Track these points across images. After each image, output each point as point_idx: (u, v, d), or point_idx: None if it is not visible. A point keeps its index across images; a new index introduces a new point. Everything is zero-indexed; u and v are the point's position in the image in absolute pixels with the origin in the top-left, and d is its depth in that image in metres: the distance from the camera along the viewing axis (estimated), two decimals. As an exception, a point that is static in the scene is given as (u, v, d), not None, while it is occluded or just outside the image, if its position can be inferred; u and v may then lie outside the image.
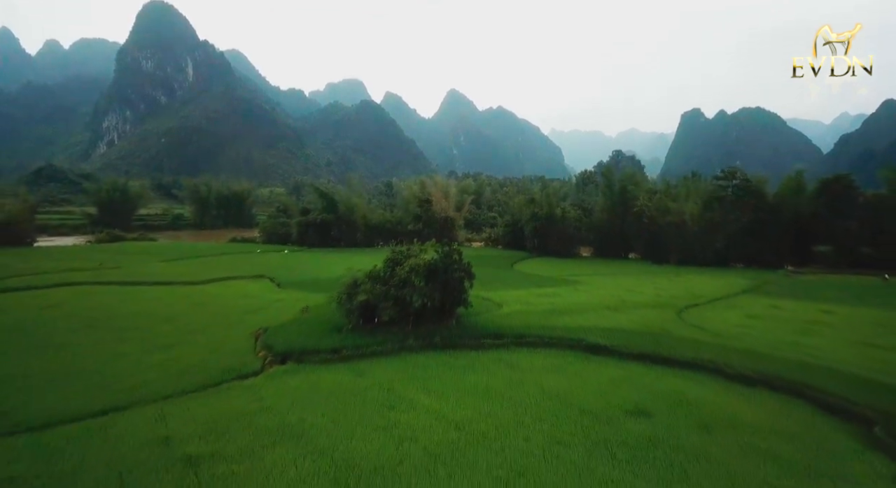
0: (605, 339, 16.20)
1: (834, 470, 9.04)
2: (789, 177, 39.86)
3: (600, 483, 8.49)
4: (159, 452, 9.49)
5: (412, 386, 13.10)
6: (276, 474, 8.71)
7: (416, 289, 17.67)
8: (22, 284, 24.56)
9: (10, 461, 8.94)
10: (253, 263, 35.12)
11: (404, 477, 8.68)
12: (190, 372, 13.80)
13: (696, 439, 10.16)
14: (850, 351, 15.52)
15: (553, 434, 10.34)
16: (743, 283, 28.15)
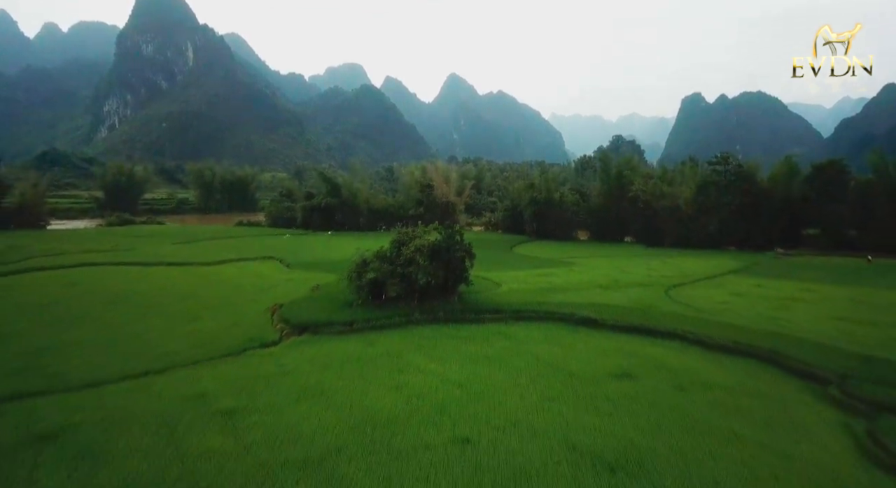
0: (596, 314, 17.42)
1: (790, 421, 10.30)
2: (781, 163, 40.75)
3: (584, 429, 9.75)
4: (198, 405, 10.76)
5: (418, 354, 14.35)
6: (302, 424, 9.96)
7: (420, 268, 18.88)
8: (45, 264, 25.77)
9: (73, 410, 10.21)
10: (261, 246, 36.29)
11: (414, 425, 9.94)
12: (215, 342, 15.06)
13: (672, 397, 11.41)
14: (822, 324, 16.75)
15: (545, 392, 11.59)
16: (731, 264, 29.36)
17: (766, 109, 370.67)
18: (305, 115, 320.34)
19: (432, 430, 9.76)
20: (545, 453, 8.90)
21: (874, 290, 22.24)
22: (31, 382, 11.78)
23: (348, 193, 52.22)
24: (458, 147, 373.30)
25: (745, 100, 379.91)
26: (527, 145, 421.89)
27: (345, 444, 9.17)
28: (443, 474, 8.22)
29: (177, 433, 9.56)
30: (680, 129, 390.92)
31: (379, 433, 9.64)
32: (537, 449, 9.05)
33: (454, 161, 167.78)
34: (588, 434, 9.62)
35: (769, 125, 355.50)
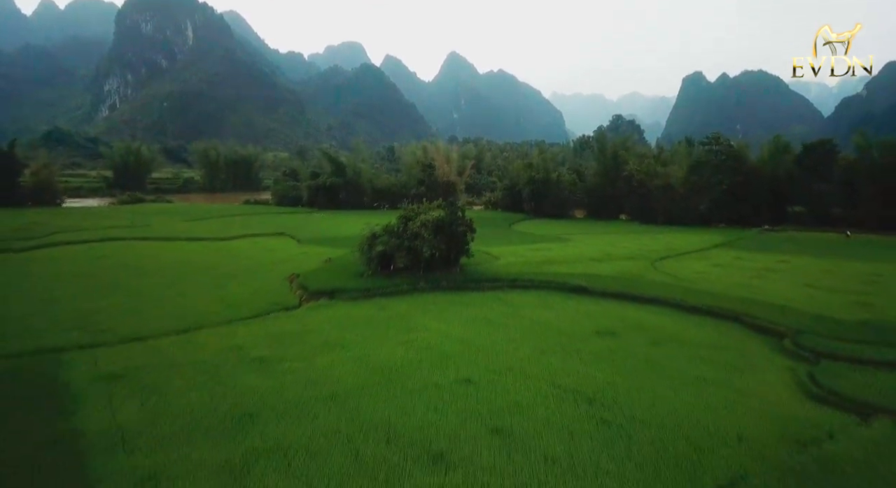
0: (586, 282, 19.04)
1: (747, 366, 11.96)
2: (769, 143, 42.00)
3: (569, 374, 11.39)
4: (235, 354, 12.41)
5: (425, 316, 15.98)
6: (327, 369, 11.60)
7: (425, 241, 20.45)
8: (71, 239, 27.31)
9: (131, 358, 11.87)
10: (271, 223, 37.78)
11: (424, 370, 11.59)
12: (242, 306, 16.69)
13: (647, 349, 13.07)
14: (790, 290, 18.36)
15: (537, 346, 13.24)
16: (717, 239, 30.91)
17: (767, 88, 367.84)
18: (305, 95, 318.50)
19: (439, 374, 11.41)
20: (535, 390, 10.55)
21: (844, 262, 23.84)
22: (88, 336, 13.42)
23: (352, 173, 53.53)
24: (459, 126, 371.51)
25: (746, 78, 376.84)
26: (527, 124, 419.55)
27: (366, 384, 10.82)
28: (449, 405, 9.86)
29: (222, 374, 11.21)
30: (680, 109, 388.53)
31: (394, 376, 11.29)
32: (528, 388, 10.70)
33: (454, 141, 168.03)
34: (572, 377, 11.27)
35: (770, 104, 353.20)
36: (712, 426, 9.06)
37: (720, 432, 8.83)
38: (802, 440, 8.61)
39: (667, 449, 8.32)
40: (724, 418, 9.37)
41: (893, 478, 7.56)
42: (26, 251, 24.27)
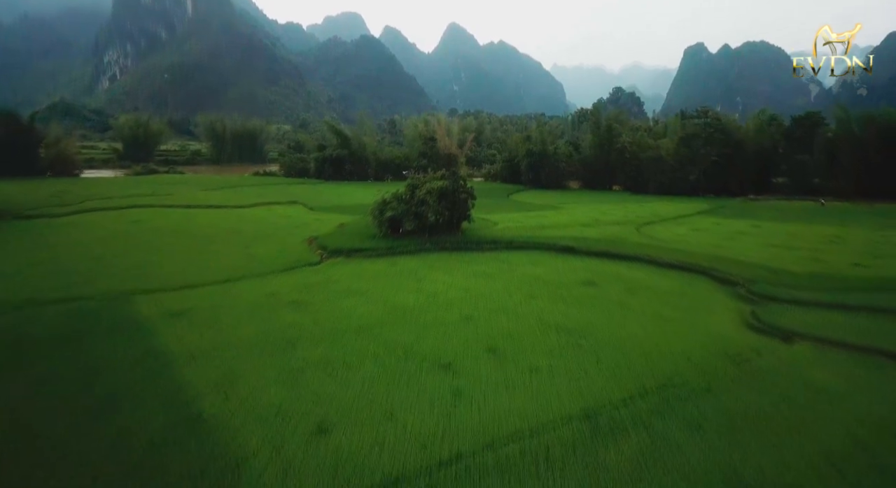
0: (574, 243, 21.09)
1: (704, 308, 14.09)
2: (755, 116, 43.53)
3: (553, 313, 13.51)
4: (271, 299, 14.52)
5: (431, 271, 18.07)
6: (351, 309, 13.72)
7: (431, 208, 22.45)
8: (102, 206, 29.26)
9: (186, 300, 13.99)
10: (283, 192, 39.62)
11: (432, 311, 13.71)
12: (270, 262, 18.78)
13: (622, 296, 15.18)
14: (755, 250, 20.42)
15: (527, 293, 15.36)
16: (701, 207, 32.85)
17: (768, 59, 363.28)
18: (305, 67, 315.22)
19: (445, 313, 13.54)
20: (524, 324, 12.69)
21: (810, 225, 25.87)
22: (145, 284, 15.54)
23: (357, 145, 55.03)
24: (459, 99, 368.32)
25: (747, 50, 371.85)
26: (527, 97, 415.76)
27: (385, 320, 12.95)
28: (454, 334, 12.00)
29: (264, 313, 13.34)
30: (681, 81, 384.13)
31: (408, 314, 13.42)
32: (518, 322, 12.83)
33: (455, 113, 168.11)
34: (555, 315, 13.40)
35: (771, 76, 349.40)
36: (665, 348, 11.22)
37: (670, 352, 10.99)
38: (734, 356, 10.78)
39: (626, 362, 10.49)
40: (675, 343, 11.53)
41: (798, 381, 9.73)
42: (64, 216, 26.25)
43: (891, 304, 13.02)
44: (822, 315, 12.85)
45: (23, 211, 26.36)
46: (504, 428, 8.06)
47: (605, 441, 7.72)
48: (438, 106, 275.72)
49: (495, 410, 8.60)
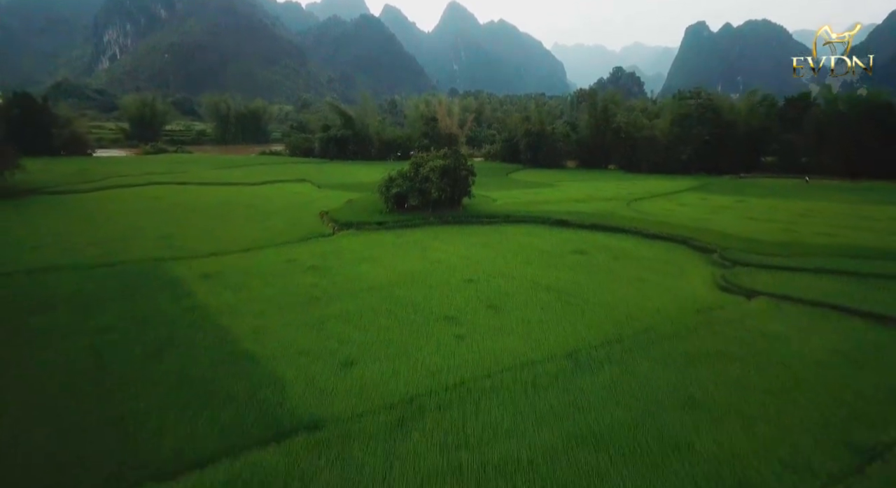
0: (567, 217, 22.44)
1: (680, 272, 15.51)
2: (745, 97, 44.46)
3: (544, 276, 14.93)
4: (291, 264, 15.95)
5: (435, 241, 19.46)
6: (364, 273, 15.15)
7: (434, 184, 23.74)
8: (123, 183, 30.53)
9: (214, 265, 15.43)
10: (290, 171, 40.77)
11: (437, 274, 15.14)
12: (286, 233, 20.17)
13: (608, 262, 16.60)
14: (734, 222, 21.76)
15: (522, 260, 16.77)
16: (690, 184, 34.09)
17: (770, 39, 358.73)
18: (305, 46, 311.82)
19: (448, 276, 14.98)
20: (519, 286, 14.13)
21: (789, 201, 27.18)
22: (176, 252, 16.96)
23: (360, 126, 55.97)
24: (459, 78, 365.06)
25: (749, 28, 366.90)
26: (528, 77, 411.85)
27: (395, 281, 14.40)
28: (457, 293, 13.44)
29: (286, 276, 14.79)
30: (682, 60, 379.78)
31: (415, 277, 14.85)
32: (514, 284, 14.27)
33: (455, 93, 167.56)
34: (546, 278, 14.83)
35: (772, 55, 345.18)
36: (642, 304, 12.67)
37: (646, 308, 12.44)
38: (701, 310, 12.25)
39: (607, 315, 11.96)
40: (651, 300, 12.99)
41: (752, 328, 11.19)
42: (90, 192, 27.56)
43: (845, 267, 14.46)
44: (784, 276, 14.29)
45: (52, 187, 27.69)
46: (499, 363, 9.55)
47: (583, 373, 9.22)
48: (438, 86, 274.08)
49: (492, 350, 10.09)
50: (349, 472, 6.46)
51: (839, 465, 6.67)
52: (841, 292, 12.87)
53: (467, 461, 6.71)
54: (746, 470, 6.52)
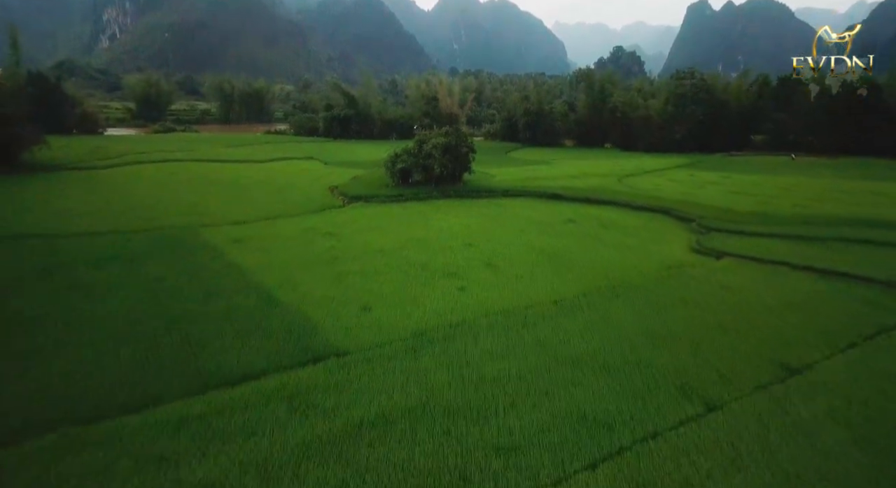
0: (561, 191, 23.90)
1: (661, 239, 17.05)
2: (737, 78, 45.54)
3: (538, 242, 16.45)
4: (308, 232, 17.46)
5: (437, 213, 20.95)
6: (374, 240, 16.65)
7: (436, 160, 25.14)
8: (139, 160, 31.84)
9: (238, 233, 16.92)
10: (297, 149, 41.98)
11: (441, 240, 16.66)
12: (300, 205, 21.64)
13: (596, 230, 18.13)
14: (717, 196, 23.22)
15: (518, 229, 18.28)
16: (681, 162, 35.42)
17: (772, 18, 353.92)
18: (305, 26, 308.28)
19: (451, 241, 16.52)
20: (514, 250, 15.66)
21: (773, 177, 28.58)
22: (202, 220, 18.44)
23: (363, 105, 56.92)
24: (459, 57, 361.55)
25: (751, 6, 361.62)
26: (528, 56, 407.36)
27: (403, 246, 15.92)
28: (458, 254, 15.00)
29: (305, 241, 16.32)
30: (684, 39, 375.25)
31: (421, 242, 16.36)
32: (509, 248, 15.79)
33: (455, 73, 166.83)
34: (539, 243, 16.35)
35: (774, 34, 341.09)
36: (622, 265, 14.24)
37: (625, 266, 14.02)
38: (673, 268, 13.83)
39: (590, 272, 13.53)
40: (631, 261, 14.56)
41: (714, 281, 12.76)
42: (110, 168, 28.91)
43: (804, 233, 16.02)
44: (751, 241, 15.84)
45: (74, 164, 29.06)
46: (495, 308, 11.15)
47: (565, 314, 10.82)
48: (439, 65, 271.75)
49: (489, 298, 11.68)
50: (374, 383, 8.08)
51: (766, 377, 8.31)
52: (797, 253, 14.44)
53: (468, 375, 8.34)
54: (689, 379, 8.16)
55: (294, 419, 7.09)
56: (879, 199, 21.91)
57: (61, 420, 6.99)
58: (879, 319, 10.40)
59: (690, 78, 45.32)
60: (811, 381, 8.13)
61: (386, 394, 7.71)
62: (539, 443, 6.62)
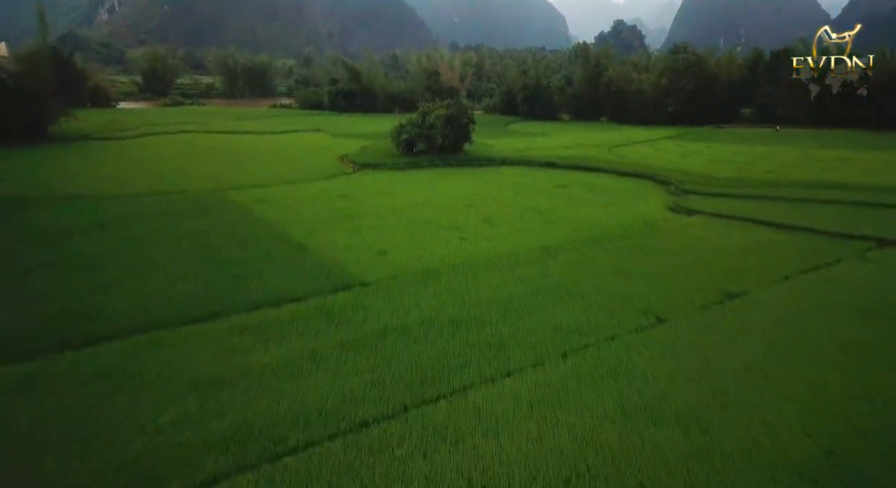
0: (555, 160, 25.45)
1: (642, 200, 18.68)
2: (727, 53, 46.69)
3: (531, 202, 18.12)
4: (324, 194, 19.10)
5: (440, 179, 22.55)
6: (384, 201, 18.31)
7: (438, 131, 26.63)
8: (155, 131, 33.25)
9: (261, 194, 18.60)
10: (304, 122, 43.20)
11: (443, 202, 18.30)
12: (313, 172, 23.23)
13: (584, 193, 19.77)
14: (699, 164, 24.76)
15: (514, 192, 19.92)
16: (670, 133, 36.80)
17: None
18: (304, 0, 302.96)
19: (453, 203, 18.15)
20: (509, 209, 17.33)
21: (754, 146, 30.05)
22: (225, 184, 20.04)
23: (367, 80, 57.82)
24: (460, 31, 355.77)
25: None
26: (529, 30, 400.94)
27: (410, 206, 17.59)
28: (460, 213, 16.68)
29: (323, 202, 17.97)
30: (685, 13, 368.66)
31: (426, 204, 17.98)
32: (505, 208, 17.46)
33: (455, 47, 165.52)
34: (531, 203, 18.00)
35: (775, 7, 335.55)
36: (605, 220, 15.95)
37: (608, 222, 15.72)
38: (649, 223, 15.55)
39: (576, 227, 15.23)
40: (613, 218, 16.26)
41: (683, 234, 14.51)
42: (130, 139, 30.35)
43: (773, 194, 17.70)
44: (722, 201, 17.53)
45: (97, 134, 30.50)
46: (491, 253, 12.89)
47: (550, 257, 12.57)
48: (439, 40, 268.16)
49: (486, 247, 13.42)
50: (393, 303, 9.87)
51: (710, 300, 10.11)
52: (760, 211, 16.15)
53: (468, 298, 10.14)
54: (648, 303, 9.94)
55: (332, 327, 8.92)
56: (844, 165, 23.50)
57: (149, 327, 8.80)
58: (816, 260, 12.17)
59: (683, 53, 46.29)
60: (745, 302, 9.95)
61: (403, 311, 9.53)
62: (522, 342, 8.45)
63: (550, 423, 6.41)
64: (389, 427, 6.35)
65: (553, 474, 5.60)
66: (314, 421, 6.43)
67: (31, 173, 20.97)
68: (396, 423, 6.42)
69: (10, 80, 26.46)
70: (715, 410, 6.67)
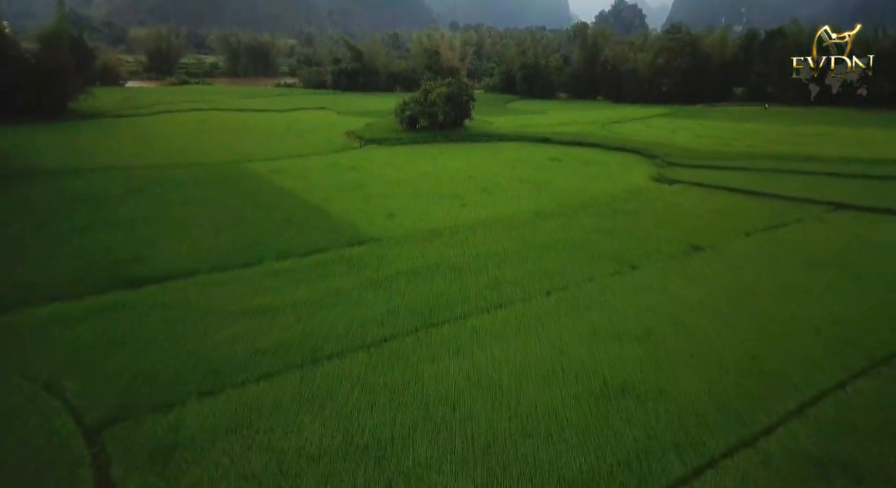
0: (551, 136, 26.59)
1: (629, 171, 19.93)
2: (720, 33, 47.40)
3: (527, 174, 19.38)
4: (335, 166, 20.33)
5: (442, 154, 23.73)
6: (390, 173, 19.53)
7: (440, 108, 27.69)
8: (168, 109, 34.29)
9: (274, 166, 19.84)
10: (309, 100, 44.07)
11: (445, 174, 19.53)
12: (322, 146, 24.42)
13: (576, 166, 20.97)
14: (686, 139, 25.90)
15: (511, 165, 21.12)
16: (663, 111, 37.75)
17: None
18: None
19: (454, 174, 19.38)
20: (505, 180, 18.56)
21: (740, 123, 31.13)
22: (241, 157, 21.22)
23: (369, 59, 58.35)
24: (460, 9, 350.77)
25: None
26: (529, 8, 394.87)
27: (414, 177, 18.82)
28: (460, 184, 17.94)
29: (333, 173, 19.21)
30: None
31: (429, 176, 19.21)
32: (502, 179, 18.66)
33: (455, 27, 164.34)
34: (527, 175, 19.22)
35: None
36: (593, 190, 17.21)
37: (596, 191, 16.97)
38: (633, 191, 16.86)
39: (566, 195, 16.51)
40: (601, 187, 17.52)
41: (663, 200, 15.81)
42: (144, 116, 31.41)
43: (750, 165, 18.96)
44: (702, 172, 18.77)
45: (113, 112, 31.56)
46: (488, 217, 14.19)
47: (541, 220, 13.90)
48: (439, 19, 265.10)
49: (484, 212, 14.72)
50: (403, 255, 11.22)
51: (678, 251, 11.49)
52: (736, 180, 17.42)
53: (468, 251, 11.50)
54: (623, 254, 11.30)
55: (352, 271, 10.31)
56: (821, 140, 24.67)
57: (195, 272, 10.19)
58: (778, 220, 13.51)
59: (678, 32, 46.91)
60: (708, 254, 11.33)
61: (412, 260, 10.91)
62: (514, 283, 9.84)
63: (534, 339, 7.84)
64: (404, 342, 7.78)
65: (534, 373, 7.02)
66: (343, 338, 7.85)
67: (63, 147, 22.17)
68: (409, 340, 7.85)
69: (33, 59, 27.43)
70: (668, 331, 8.09)
